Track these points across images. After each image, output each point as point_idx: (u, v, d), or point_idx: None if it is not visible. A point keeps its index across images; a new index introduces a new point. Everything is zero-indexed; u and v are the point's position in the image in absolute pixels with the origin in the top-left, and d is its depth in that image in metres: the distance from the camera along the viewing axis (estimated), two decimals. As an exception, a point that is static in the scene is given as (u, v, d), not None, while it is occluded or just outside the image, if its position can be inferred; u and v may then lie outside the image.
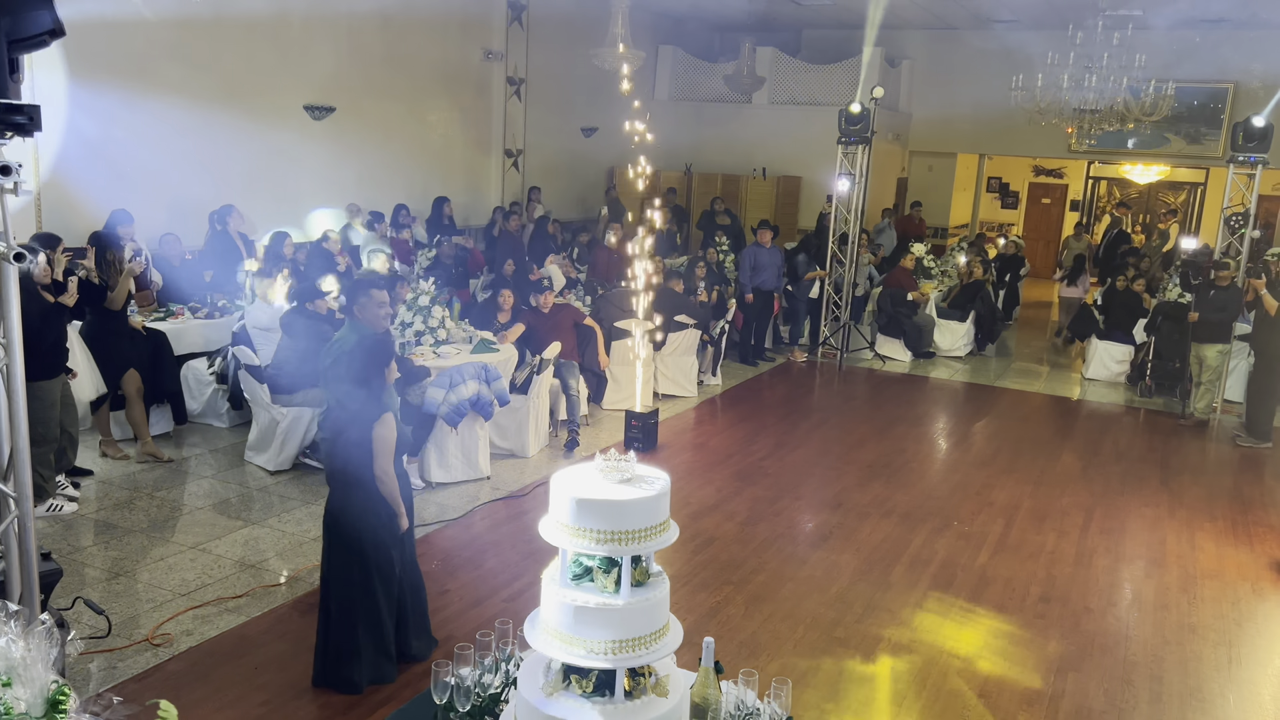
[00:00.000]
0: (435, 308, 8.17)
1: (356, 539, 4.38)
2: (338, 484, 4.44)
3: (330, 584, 4.48)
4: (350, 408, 4.36)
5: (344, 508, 4.39)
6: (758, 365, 11.63)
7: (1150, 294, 12.05)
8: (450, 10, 12.74)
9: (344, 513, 4.39)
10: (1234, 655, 5.34)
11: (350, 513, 4.37)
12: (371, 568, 4.41)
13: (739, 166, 16.65)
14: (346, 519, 4.38)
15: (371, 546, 4.39)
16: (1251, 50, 15.45)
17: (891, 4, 14.73)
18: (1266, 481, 8.40)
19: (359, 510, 4.37)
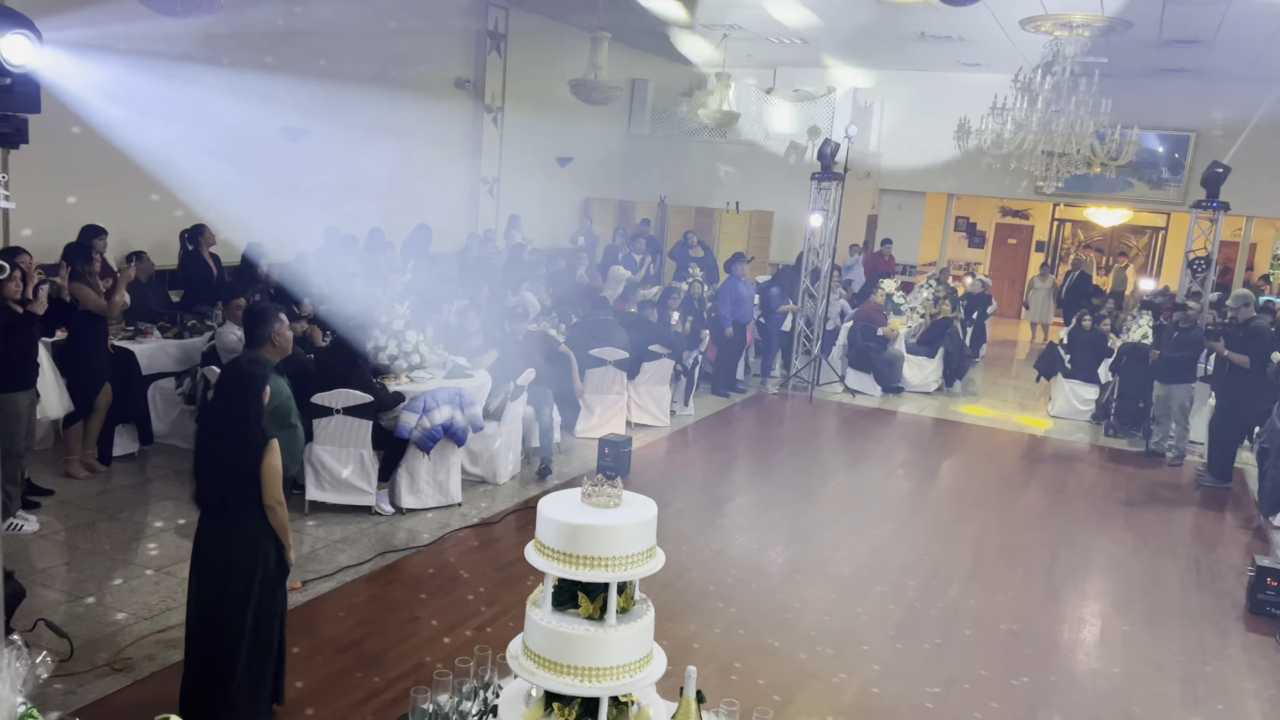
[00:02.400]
0: (409, 332, 8.13)
1: (244, 575, 4.07)
2: (219, 517, 4.11)
3: (204, 626, 4.12)
4: (234, 436, 4.04)
5: (229, 541, 4.07)
6: (730, 396, 11.68)
7: (1115, 334, 12.27)
8: (428, 37, 12.79)
9: (230, 547, 4.07)
10: (1199, 693, 5.40)
11: (238, 546, 4.07)
12: (254, 606, 4.09)
13: (713, 200, 16.79)
14: (233, 553, 4.06)
15: (258, 583, 4.09)
16: (1212, 99, 15.90)
17: (863, 45, 15.03)
18: (1228, 521, 8.55)
19: (247, 544, 4.08)
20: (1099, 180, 16.24)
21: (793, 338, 12.55)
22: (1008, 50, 14.39)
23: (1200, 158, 15.75)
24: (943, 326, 13.04)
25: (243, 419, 4.06)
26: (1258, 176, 14.72)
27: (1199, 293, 10.91)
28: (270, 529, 4.13)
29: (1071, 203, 19.79)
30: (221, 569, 4.08)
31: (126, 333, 8.18)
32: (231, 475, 4.04)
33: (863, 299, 13.52)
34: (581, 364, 9.15)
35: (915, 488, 8.82)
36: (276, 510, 4.11)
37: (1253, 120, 14.89)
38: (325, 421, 6.85)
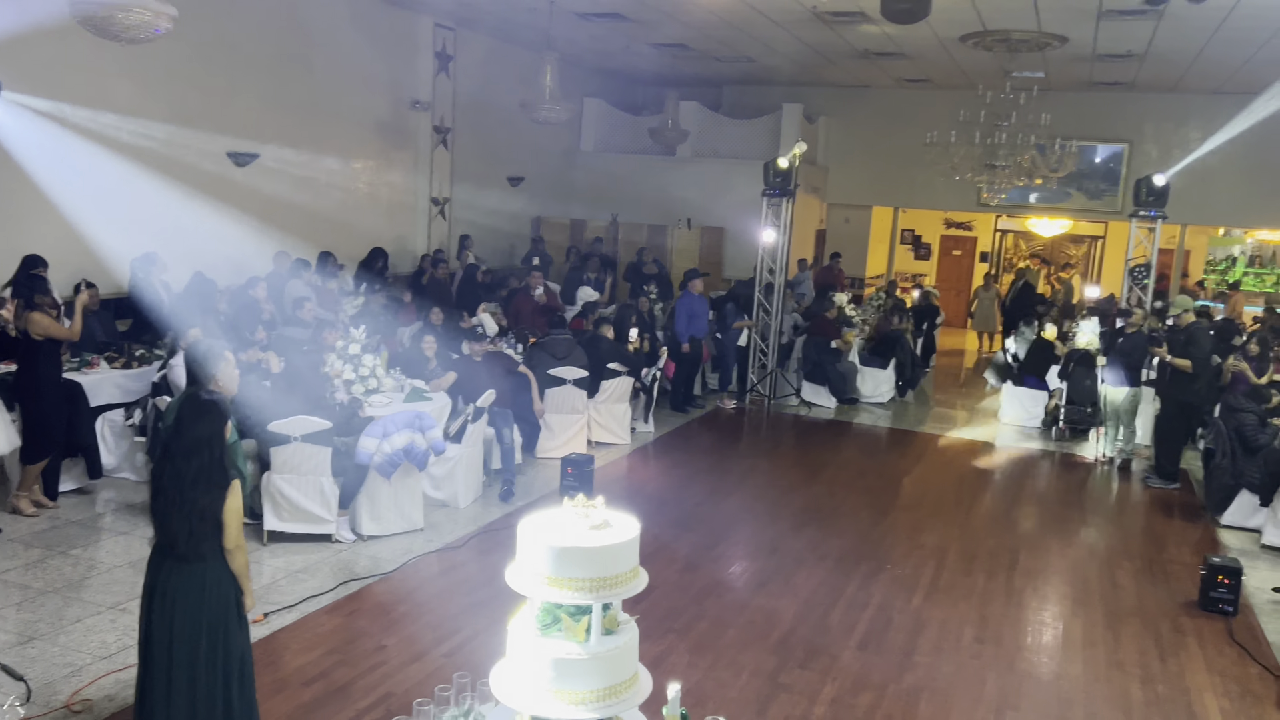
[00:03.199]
0: (366, 356, 8.05)
1: (196, 620, 3.90)
2: (174, 558, 3.92)
3: (156, 673, 3.92)
4: (192, 474, 3.89)
5: (184, 585, 3.90)
6: (688, 412, 11.71)
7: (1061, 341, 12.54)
8: (376, 59, 12.73)
9: (185, 590, 3.90)
10: (1159, 691, 5.52)
11: (194, 590, 3.90)
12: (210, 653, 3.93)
13: (664, 217, 16.88)
14: (189, 597, 3.90)
15: (208, 628, 3.92)
16: (1145, 111, 16.40)
17: (809, 62, 15.26)
18: (1177, 521, 8.76)
19: (203, 588, 3.91)
20: (1040, 191, 16.68)
21: (748, 352, 12.64)
22: (950, 66, 14.71)
23: (1135, 168, 16.23)
24: (894, 338, 13.24)
25: (203, 456, 3.90)
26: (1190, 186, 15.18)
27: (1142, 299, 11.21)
28: (229, 572, 3.98)
29: (1013, 214, 20.22)
30: (174, 612, 3.89)
31: (72, 364, 7.98)
32: (190, 516, 3.85)
33: (813, 313, 13.67)
34: (541, 384, 9.12)
35: (875, 498, 8.91)
36: (236, 554, 3.97)
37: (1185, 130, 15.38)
38: (283, 449, 6.74)
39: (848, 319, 13.76)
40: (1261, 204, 16.29)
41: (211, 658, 3.94)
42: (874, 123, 18.11)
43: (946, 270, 22.75)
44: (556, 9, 12.10)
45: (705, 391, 12.72)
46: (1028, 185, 14.02)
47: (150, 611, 3.95)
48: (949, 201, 18.50)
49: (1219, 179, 15.92)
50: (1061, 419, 11.62)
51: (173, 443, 4.00)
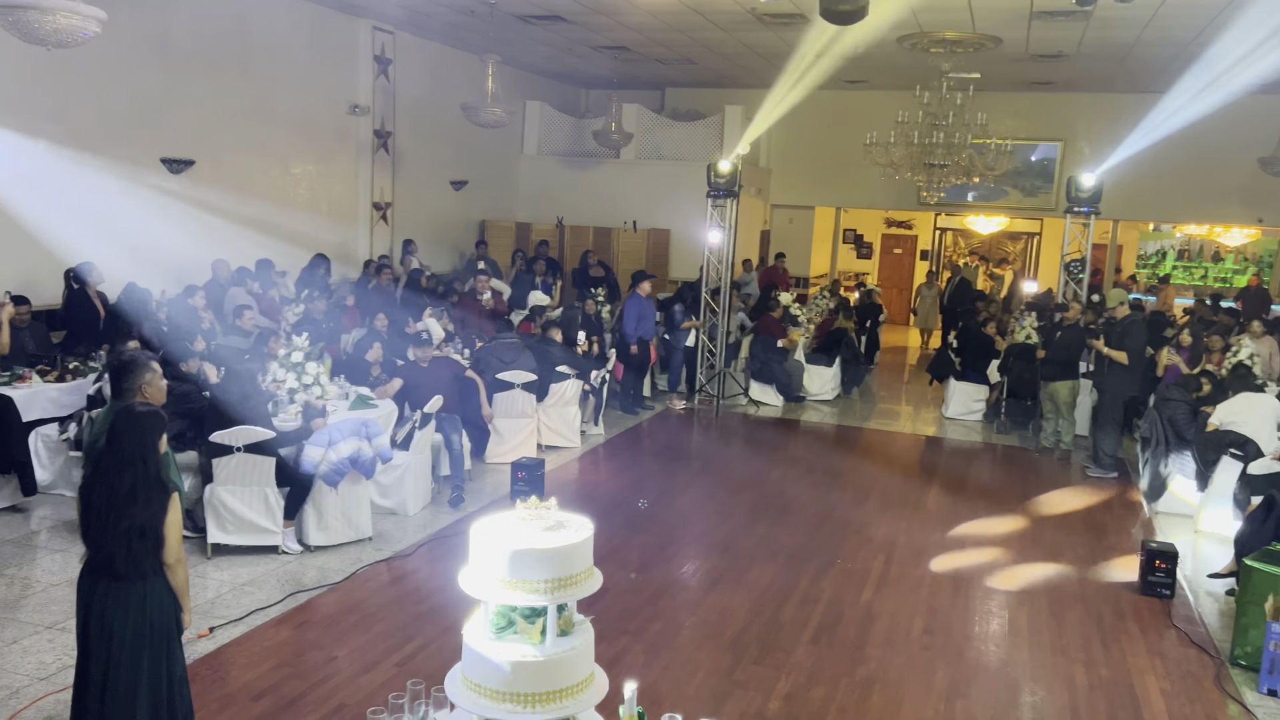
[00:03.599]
0: (309, 364, 7.93)
1: (137, 639, 3.79)
2: (110, 576, 3.79)
3: (93, 695, 3.79)
4: (129, 489, 3.77)
5: (121, 603, 3.77)
6: (638, 414, 11.73)
7: (1000, 336, 12.80)
8: (314, 62, 12.54)
9: (123, 608, 3.77)
10: (1102, 675, 5.65)
11: (131, 608, 3.78)
12: (148, 672, 3.82)
13: (610, 219, 16.89)
14: (126, 615, 3.77)
15: (150, 646, 3.81)
16: (1077, 110, 16.81)
17: (750, 64, 15.38)
18: (1115, 509, 8.99)
19: (141, 605, 3.79)
20: (977, 189, 17.01)
21: (696, 353, 12.70)
22: (888, 68, 14.93)
23: (1068, 165, 16.63)
24: (838, 336, 13.40)
25: (138, 470, 3.78)
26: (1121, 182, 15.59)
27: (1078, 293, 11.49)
28: (169, 588, 3.87)
29: (952, 212, 20.59)
30: (112, 633, 3.77)
31: (2, 378, 7.74)
32: (128, 532, 3.73)
33: (759, 312, 13.78)
34: (489, 388, 9.06)
35: (824, 494, 9.00)
36: (177, 569, 3.86)
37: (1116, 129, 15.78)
38: (225, 461, 6.61)
39: (793, 318, 13.89)
40: (1189, 199, 16.81)
41: (154, 676, 3.83)
42: (815, 124, 18.30)
43: (888, 269, 23.09)
44: (497, 12, 12.04)
45: (654, 393, 12.75)
46: (966, 184, 14.29)
47: (87, 632, 3.82)
48: (889, 201, 18.77)
49: (1149, 176, 16.34)
50: (1003, 412, 11.86)
51: (105, 457, 3.87)
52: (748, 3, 11.14)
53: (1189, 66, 13.43)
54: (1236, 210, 16.78)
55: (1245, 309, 15.29)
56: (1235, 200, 16.48)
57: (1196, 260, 21.49)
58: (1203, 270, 21.37)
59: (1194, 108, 15.70)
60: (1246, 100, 15.66)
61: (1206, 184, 16.43)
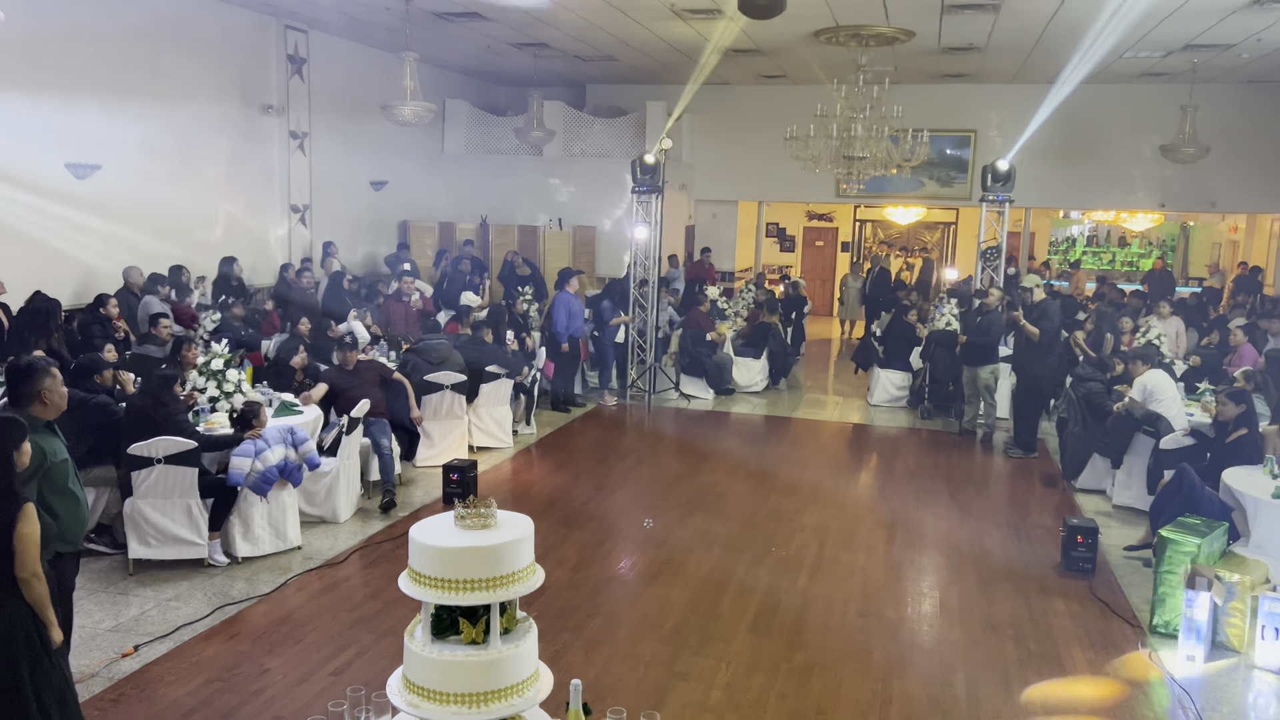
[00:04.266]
0: (230, 371, 7.72)
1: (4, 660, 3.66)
2: None
3: None
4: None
5: None
6: (570, 411, 11.69)
7: (922, 323, 13.08)
8: (223, 62, 12.19)
9: None
10: (1032, 648, 5.82)
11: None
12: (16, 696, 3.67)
13: (535, 217, 16.80)
14: None
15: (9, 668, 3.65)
16: (988, 102, 17.27)
17: (669, 60, 15.44)
18: (1037, 488, 9.26)
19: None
20: (895, 180, 17.35)
21: (626, 349, 12.71)
22: (805, 62, 15.13)
23: (981, 155, 17.08)
24: (765, 329, 13.55)
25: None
26: (1033, 171, 16.09)
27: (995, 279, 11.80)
28: (26, 605, 3.70)
29: (871, 203, 20.97)
30: None
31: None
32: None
33: (687, 307, 13.86)
34: (417, 390, 8.92)
35: (756, 484, 9.09)
36: (33, 584, 3.68)
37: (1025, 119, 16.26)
38: (145, 473, 6.39)
39: (720, 311, 14.01)
40: (1096, 187, 17.41)
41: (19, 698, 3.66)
42: (735, 119, 18.48)
43: (811, 261, 23.43)
44: (413, 9, 11.86)
45: (586, 390, 12.73)
46: (883, 175, 14.56)
47: None
48: (810, 194, 19.04)
49: (1058, 165, 16.93)
50: (926, 397, 12.13)
51: None
52: (666, -2, 11.17)
53: (1092, 57, 13.90)
54: (1141, 196, 17.44)
55: (1152, 291, 15.92)
56: (1139, 187, 17.13)
57: (1105, 245, 22.29)
58: (1110, 255, 22.17)
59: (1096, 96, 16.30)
60: (1147, 90, 16.33)
61: (1112, 171, 17.05)
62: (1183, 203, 17.39)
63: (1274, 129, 15.95)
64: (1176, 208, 17.89)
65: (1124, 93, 16.60)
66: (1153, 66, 14.63)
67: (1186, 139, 14.89)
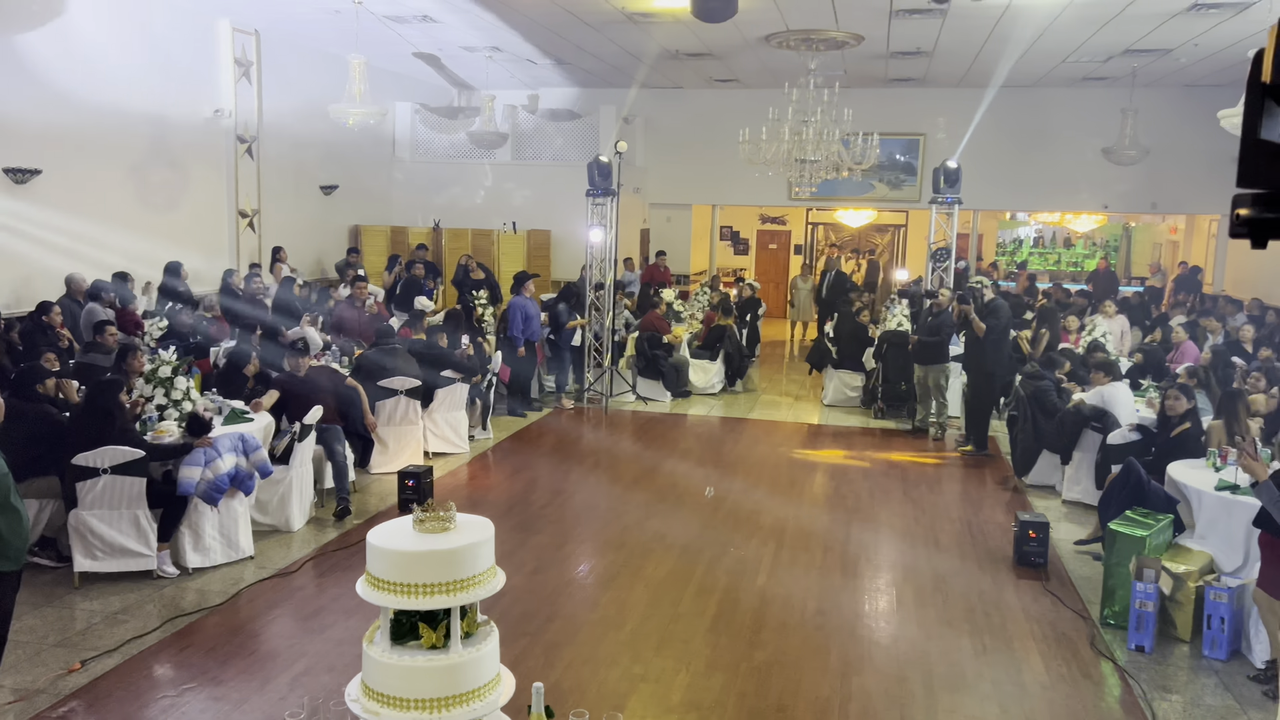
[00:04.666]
0: (179, 378, 7.57)
1: None
2: None
3: None
4: None
5: None
6: (526, 416, 11.64)
7: (874, 324, 13.23)
8: (169, 64, 11.97)
9: None
10: (986, 643, 5.90)
11: None
12: None
13: (489, 221, 16.71)
14: None
15: None
16: (936, 106, 17.53)
17: (622, 64, 15.46)
18: (988, 485, 9.41)
19: None
20: (846, 184, 17.55)
21: (583, 352, 12.68)
22: (756, 66, 15.24)
23: (930, 158, 17.33)
24: (720, 332, 13.62)
25: None
26: (980, 174, 16.37)
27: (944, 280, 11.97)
28: None
29: (823, 206, 21.17)
30: None
31: None
32: None
33: (643, 310, 13.87)
34: (371, 396, 8.82)
35: (714, 485, 9.12)
36: None
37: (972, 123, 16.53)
38: (91, 484, 6.24)
39: (676, 314, 14.05)
40: (1042, 189, 17.76)
41: None
42: (689, 123, 18.56)
43: (764, 264, 23.59)
44: (363, 11, 11.75)
45: (543, 394, 12.68)
46: (834, 178, 14.71)
47: None
48: (762, 197, 19.17)
49: (1005, 167, 17.24)
50: (879, 397, 12.27)
51: None
52: (619, 2, 11.19)
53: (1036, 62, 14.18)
54: (1085, 198, 17.82)
55: (1096, 291, 16.27)
56: (1083, 189, 17.50)
57: (1050, 247, 22.72)
58: (1056, 256, 22.61)
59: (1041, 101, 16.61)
60: (1090, 94, 16.69)
61: (1057, 174, 17.39)
62: (1125, 204, 17.80)
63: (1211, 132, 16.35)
64: (1119, 209, 18.30)
65: (1067, 97, 16.95)
66: (1094, 71, 14.96)
67: (1127, 142, 15.24)
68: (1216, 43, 12.35)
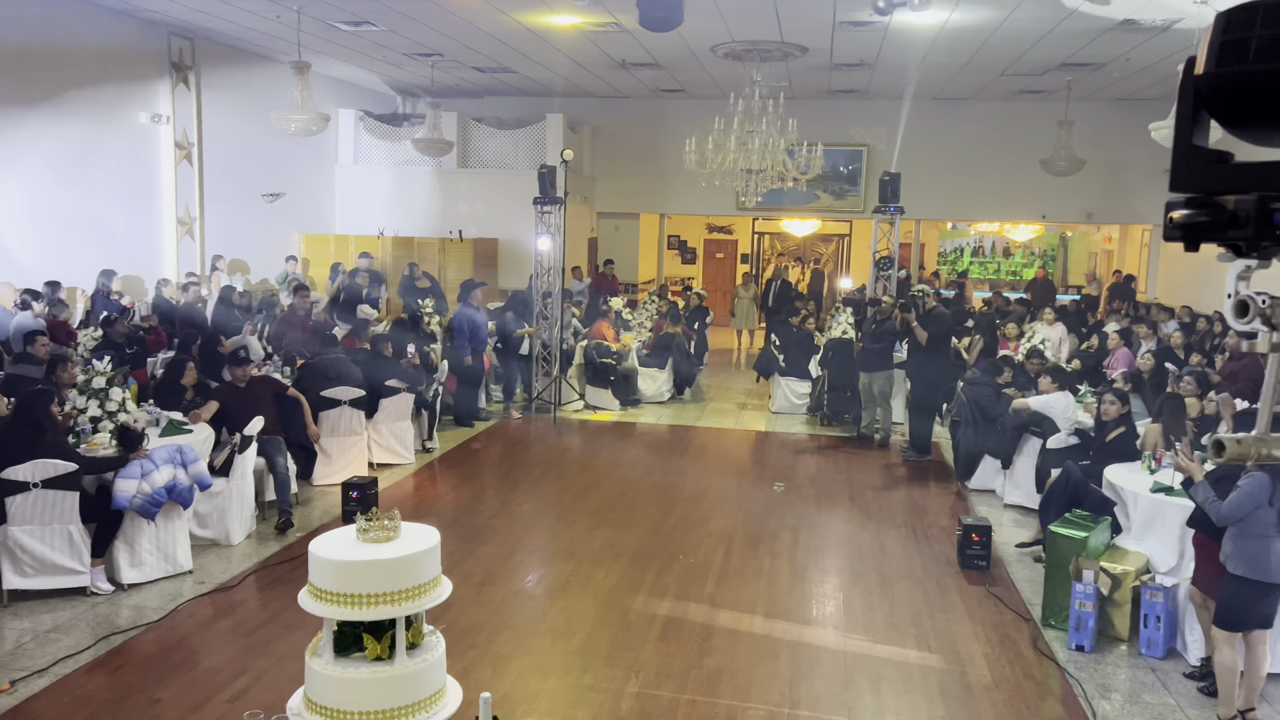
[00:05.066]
0: (114, 389, 7.37)
1: None
2: None
3: None
4: None
5: None
6: (474, 426, 11.53)
7: (819, 332, 13.37)
8: (105, 69, 11.69)
9: None
10: (932, 644, 5.97)
11: None
12: None
13: (435, 229, 16.58)
14: None
15: None
16: (879, 117, 17.80)
17: (568, 72, 15.45)
18: (933, 489, 9.54)
19: None
20: (791, 194, 17.72)
21: (531, 361, 12.62)
22: (702, 76, 15.34)
23: (872, 169, 17.59)
24: (669, 339, 13.65)
25: None
26: (922, 185, 16.65)
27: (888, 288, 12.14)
28: None
29: (769, 216, 21.36)
30: None
31: None
32: None
33: (591, 318, 13.85)
34: (314, 406, 8.67)
35: (664, 493, 9.13)
36: None
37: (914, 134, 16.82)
38: (21, 498, 6.04)
39: (625, 323, 14.04)
40: (981, 199, 18.12)
41: None
42: (635, 132, 18.61)
43: (711, 272, 23.73)
44: (304, 18, 11.60)
45: (490, 403, 12.58)
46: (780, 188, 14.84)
47: None
48: (709, 206, 19.29)
49: (946, 178, 17.55)
50: (825, 404, 12.38)
51: None
52: (564, 10, 11.18)
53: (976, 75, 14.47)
54: (1023, 208, 18.22)
55: (1035, 299, 16.62)
56: (1021, 199, 17.90)
57: (990, 256, 23.20)
58: (996, 265, 23.08)
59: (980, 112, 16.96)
60: (1027, 107, 17.07)
61: (996, 184, 17.77)
62: (1061, 214, 18.24)
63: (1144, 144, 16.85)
64: (1056, 219, 18.75)
65: (1006, 109, 17.33)
66: (1031, 85, 15.32)
67: (1063, 154, 15.62)
68: (1148, 57, 12.72)
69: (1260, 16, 1.55)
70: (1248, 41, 1.55)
